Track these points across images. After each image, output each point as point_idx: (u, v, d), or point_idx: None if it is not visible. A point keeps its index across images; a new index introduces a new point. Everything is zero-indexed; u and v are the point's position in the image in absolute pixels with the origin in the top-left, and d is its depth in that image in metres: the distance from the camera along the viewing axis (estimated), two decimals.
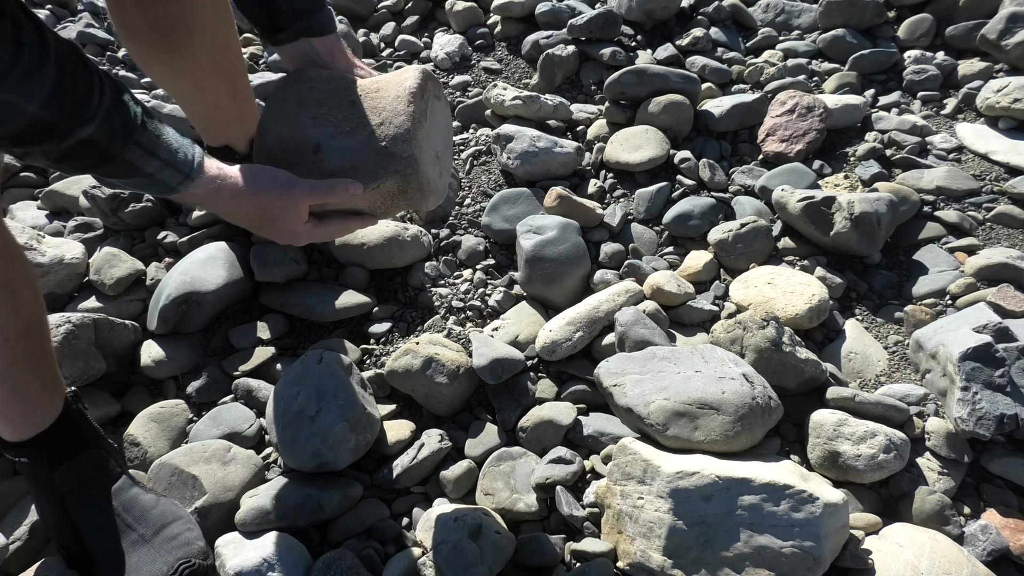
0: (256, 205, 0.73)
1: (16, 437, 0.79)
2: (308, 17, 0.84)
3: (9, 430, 0.79)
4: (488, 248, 1.28)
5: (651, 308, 1.10)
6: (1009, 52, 1.47)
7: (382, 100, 0.79)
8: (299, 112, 0.80)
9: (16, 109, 0.55)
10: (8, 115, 0.55)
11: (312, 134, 0.78)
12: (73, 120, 0.59)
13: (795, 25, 1.71)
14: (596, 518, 0.89)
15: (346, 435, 0.90)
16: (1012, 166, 1.32)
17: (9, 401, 0.77)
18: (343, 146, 0.78)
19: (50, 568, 0.82)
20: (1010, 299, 1.06)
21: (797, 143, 1.38)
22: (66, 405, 0.82)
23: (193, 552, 0.81)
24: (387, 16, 1.83)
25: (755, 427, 0.87)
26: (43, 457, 0.81)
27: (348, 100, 0.80)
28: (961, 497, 0.92)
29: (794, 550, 0.75)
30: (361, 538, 0.89)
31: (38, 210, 1.35)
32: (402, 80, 0.80)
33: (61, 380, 0.83)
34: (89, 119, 0.60)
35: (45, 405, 0.80)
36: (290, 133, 0.79)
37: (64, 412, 0.82)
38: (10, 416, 0.78)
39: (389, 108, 0.78)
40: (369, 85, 0.82)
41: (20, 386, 0.77)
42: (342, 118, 0.79)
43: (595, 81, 1.58)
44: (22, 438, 0.79)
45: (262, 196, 0.73)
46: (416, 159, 0.77)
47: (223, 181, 0.71)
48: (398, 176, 0.77)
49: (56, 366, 0.82)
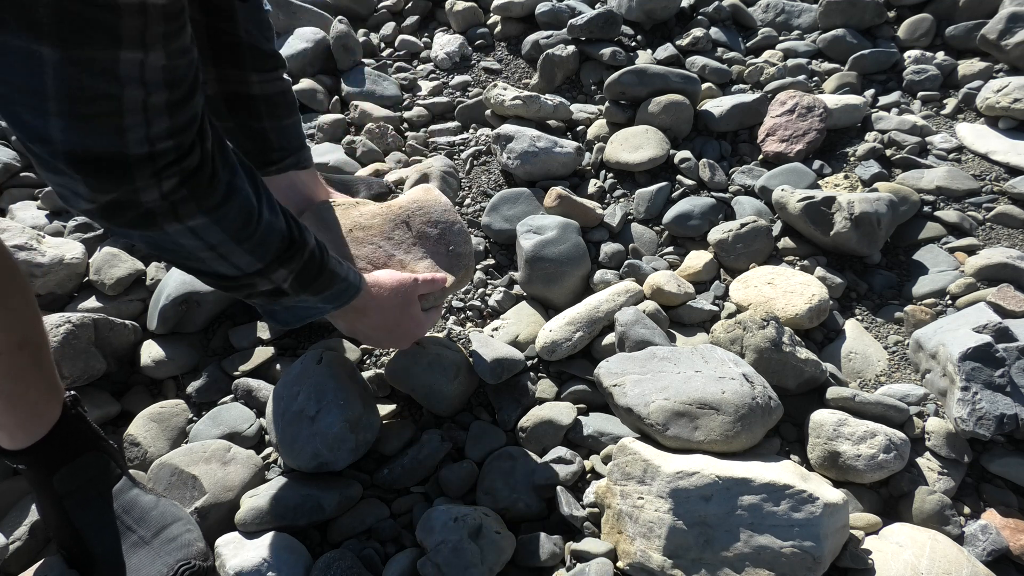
0: (399, 294, 0.87)
1: (14, 446, 0.79)
2: (296, 154, 0.98)
3: (7, 439, 0.79)
4: (488, 248, 1.28)
5: (651, 308, 1.10)
6: (1009, 52, 1.47)
7: (430, 214, 0.98)
8: (367, 236, 0.97)
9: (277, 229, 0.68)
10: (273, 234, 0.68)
11: (389, 249, 0.96)
12: (304, 233, 0.72)
13: (795, 25, 1.71)
14: (596, 518, 0.89)
15: (346, 435, 0.90)
16: (1012, 166, 1.32)
17: (5, 412, 0.76)
18: (419, 255, 0.96)
19: (50, 568, 0.82)
20: (1010, 299, 1.06)
21: (797, 143, 1.38)
22: (64, 410, 0.82)
23: (193, 553, 0.81)
24: (387, 16, 1.83)
25: (755, 427, 0.87)
26: (41, 464, 0.81)
27: (400, 219, 0.97)
28: (961, 497, 0.92)
29: (794, 550, 0.75)
30: (361, 538, 0.89)
31: (38, 210, 1.34)
32: (436, 198, 0.99)
33: (59, 386, 0.82)
34: (306, 232, 0.73)
35: (42, 414, 0.79)
36: (373, 252, 0.95)
37: (62, 418, 0.81)
38: (8, 427, 0.78)
39: (443, 220, 0.98)
40: (404, 203, 0.99)
41: (16, 397, 0.76)
42: (403, 235, 0.98)
43: (595, 81, 1.58)
44: (20, 446, 0.79)
45: (399, 286, 0.87)
46: (474, 252, 1.01)
47: (375, 283, 0.85)
48: (466, 270, 0.98)
49: (54, 373, 0.81)
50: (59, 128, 0.49)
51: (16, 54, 0.45)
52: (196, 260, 0.65)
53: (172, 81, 0.52)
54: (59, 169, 0.52)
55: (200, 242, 0.62)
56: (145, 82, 0.50)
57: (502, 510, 0.90)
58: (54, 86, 0.47)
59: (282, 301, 0.75)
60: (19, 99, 0.48)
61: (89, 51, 0.47)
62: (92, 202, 0.54)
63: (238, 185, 0.63)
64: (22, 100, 0.48)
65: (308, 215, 0.98)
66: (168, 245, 0.62)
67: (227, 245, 0.64)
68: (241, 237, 0.65)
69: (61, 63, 0.46)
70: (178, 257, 0.65)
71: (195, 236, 0.61)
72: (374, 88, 1.59)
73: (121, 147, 0.52)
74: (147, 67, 0.50)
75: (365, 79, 1.60)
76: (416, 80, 1.66)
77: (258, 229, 0.66)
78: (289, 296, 0.74)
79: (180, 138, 0.55)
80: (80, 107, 0.49)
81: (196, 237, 0.62)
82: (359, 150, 1.45)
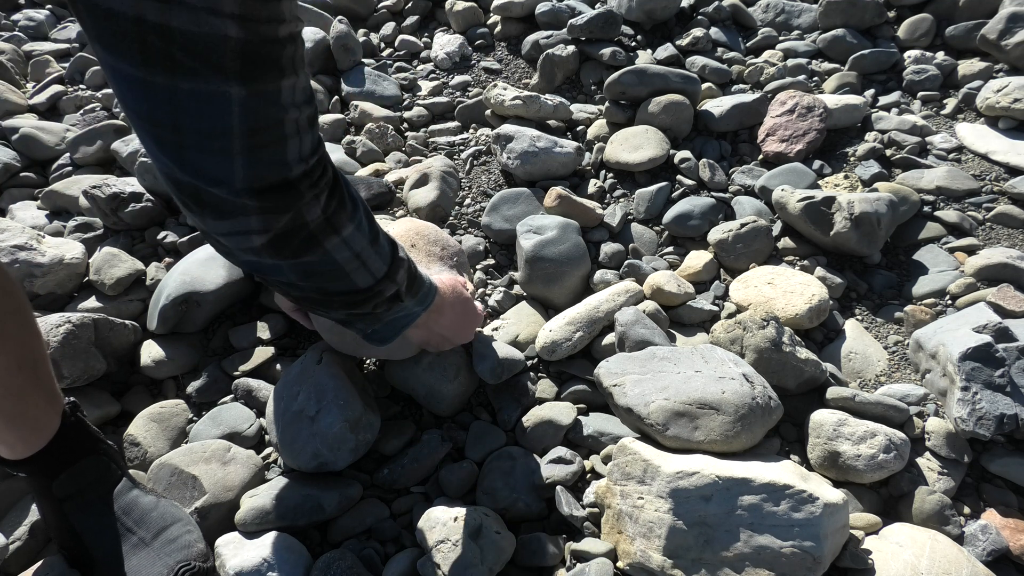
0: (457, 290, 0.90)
1: (14, 456, 0.79)
2: None
3: (7, 451, 0.79)
4: (488, 248, 1.28)
5: (651, 308, 1.10)
6: (1009, 52, 1.47)
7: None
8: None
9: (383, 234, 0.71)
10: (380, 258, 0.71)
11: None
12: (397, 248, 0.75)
13: (795, 25, 1.71)
14: (596, 518, 0.89)
15: (346, 435, 0.90)
16: (1012, 166, 1.32)
17: (5, 429, 0.76)
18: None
19: (50, 568, 0.82)
20: (1010, 299, 1.06)
21: (797, 143, 1.38)
22: (64, 419, 0.82)
23: (193, 554, 0.81)
24: (387, 16, 1.83)
25: (755, 427, 0.87)
26: (41, 472, 0.81)
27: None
28: (961, 497, 0.92)
29: (794, 550, 0.75)
30: (361, 538, 0.89)
31: (38, 210, 1.35)
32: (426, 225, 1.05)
33: (59, 397, 0.82)
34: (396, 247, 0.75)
35: (41, 427, 0.79)
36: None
37: (61, 427, 0.81)
38: (8, 441, 0.78)
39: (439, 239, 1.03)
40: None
41: (15, 416, 0.76)
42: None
43: (595, 81, 1.58)
44: (19, 457, 0.79)
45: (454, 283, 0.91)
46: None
47: (438, 282, 0.87)
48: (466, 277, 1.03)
49: (54, 385, 0.81)
50: (242, 164, 0.52)
51: (206, 99, 0.48)
52: (341, 277, 0.67)
53: (308, 97, 0.57)
54: (235, 209, 0.54)
55: (350, 252, 0.66)
56: (297, 104, 0.54)
57: (502, 510, 0.90)
58: (239, 123, 0.50)
59: (393, 310, 0.77)
60: (204, 145, 0.50)
61: (263, 84, 0.51)
62: (266, 233, 0.57)
63: (353, 192, 0.67)
64: (207, 145, 0.50)
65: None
66: (321, 267, 0.65)
67: (367, 250, 0.68)
68: (372, 238, 0.69)
69: (246, 99, 0.50)
70: (323, 280, 0.67)
71: (347, 246, 0.65)
72: (374, 88, 1.59)
73: (286, 171, 0.56)
74: (297, 89, 0.54)
75: (365, 79, 1.60)
76: (416, 80, 1.66)
77: (379, 231, 0.70)
78: (403, 301, 0.77)
79: (320, 152, 0.60)
80: (257, 139, 0.52)
81: (348, 247, 0.65)
82: (359, 150, 1.45)
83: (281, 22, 0.50)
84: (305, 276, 0.66)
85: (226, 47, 0.47)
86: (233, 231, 0.57)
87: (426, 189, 1.29)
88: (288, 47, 0.52)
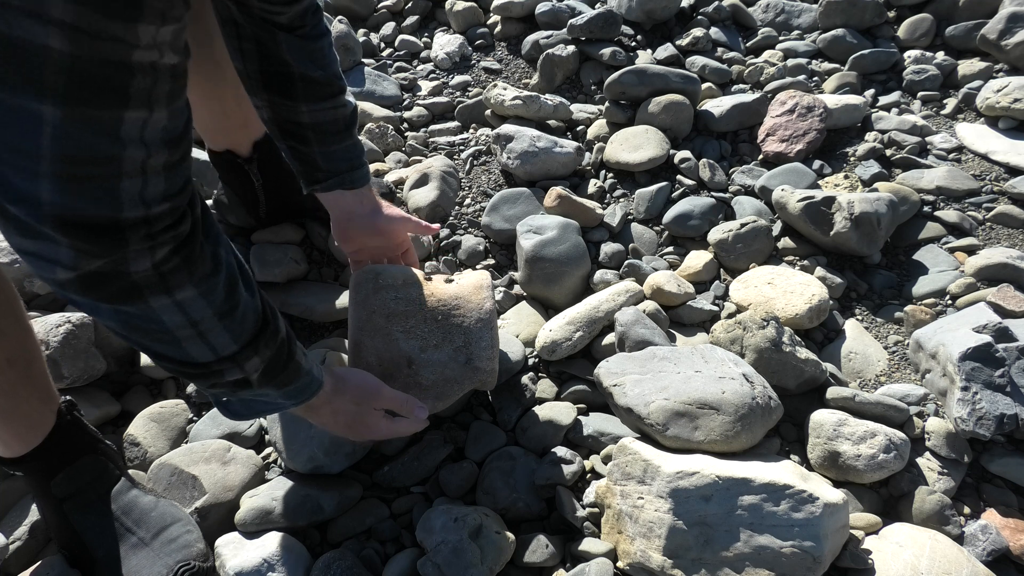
0: (358, 399, 0.83)
1: (10, 454, 0.79)
2: (341, 176, 0.96)
3: (3, 448, 0.79)
4: (488, 248, 1.28)
5: (651, 308, 1.10)
6: (1009, 52, 1.47)
7: (465, 319, 0.93)
8: (389, 326, 0.92)
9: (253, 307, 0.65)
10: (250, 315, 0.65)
11: (404, 347, 0.91)
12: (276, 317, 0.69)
13: (795, 25, 1.71)
14: (596, 518, 0.89)
15: (342, 439, 0.90)
16: (1012, 166, 1.32)
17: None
18: (433, 359, 0.92)
19: (50, 568, 0.82)
20: (1010, 299, 1.06)
21: (797, 143, 1.38)
22: (59, 417, 0.82)
23: (193, 554, 0.81)
24: (387, 16, 1.83)
25: (755, 427, 0.87)
26: (39, 470, 0.81)
27: (432, 316, 0.93)
28: (961, 497, 0.92)
29: (794, 550, 0.75)
30: (361, 538, 0.89)
31: None
32: (480, 302, 0.94)
33: (54, 395, 0.82)
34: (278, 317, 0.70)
35: (36, 424, 0.79)
36: (385, 347, 0.91)
37: (57, 425, 0.81)
38: (3, 438, 0.78)
39: (474, 329, 0.93)
40: (447, 297, 0.94)
41: (8, 411, 0.76)
42: (428, 332, 0.92)
43: (595, 81, 1.58)
44: (15, 455, 0.79)
45: (361, 392, 0.83)
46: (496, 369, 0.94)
47: (338, 380, 0.82)
48: (480, 383, 0.94)
49: (48, 383, 0.81)
50: (49, 190, 0.46)
51: (11, 112, 0.43)
52: (169, 342, 0.60)
53: (171, 141, 0.51)
54: (40, 233, 0.48)
55: (183, 318, 0.58)
56: (146, 142, 0.48)
57: (502, 510, 0.90)
58: (51, 147, 0.44)
59: (241, 394, 0.70)
60: (6, 157, 0.45)
61: (93, 110, 0.45)
62: (73, 270, 0.50)
63: (223, 256, 0.60)
64: (10, 158, 0.45)
65: (355, 276, 0.95)
66: (143, 323, 0.57)
67: (209, 322, 0.60)
68: (223, 311, 0.61)
69: (62, 122, 0.44)
70: (147, 338, 0.60)
71: (180, 311, 0.57)
72: (374, 88, 1.59)
73: (116, 210, 0.49)
74: (148, 126, 0.48)
75: (365, 79, 1.60)
76: (416, 80, 1.66)
77: (239, 305, 0.62)
78: (251, 388, 0.69)
79: (175, 201, 0.53)
80: (76, 168, 0.46)
81: (181, 312, 0.58)
82: None
83: (134, 47, 0.44)
84: (126, 327, 0.58)
85: (46, 59, 0.41)
86: (39, 255, 0.50)
87: (426, 189, 1.29)
88: (141, 77, 0.46)
